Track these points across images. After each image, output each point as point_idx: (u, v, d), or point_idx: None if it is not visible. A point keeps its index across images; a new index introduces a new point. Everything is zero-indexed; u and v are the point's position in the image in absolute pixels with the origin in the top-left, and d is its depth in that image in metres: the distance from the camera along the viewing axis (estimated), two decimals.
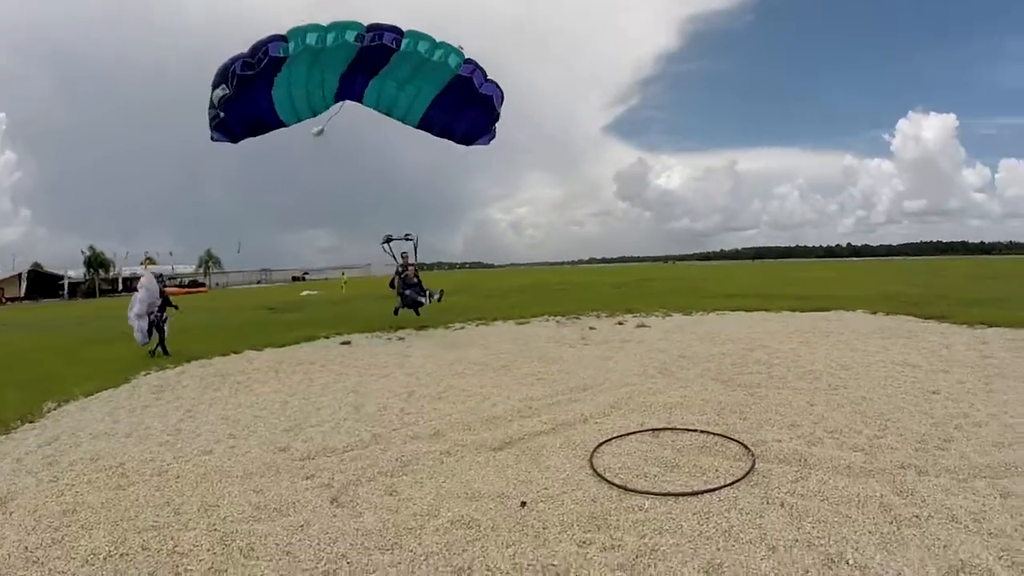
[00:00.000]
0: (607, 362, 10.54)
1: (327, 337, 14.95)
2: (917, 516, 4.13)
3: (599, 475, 5.14)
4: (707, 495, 4.66)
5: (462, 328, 16.40)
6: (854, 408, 7.00)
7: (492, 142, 15.27)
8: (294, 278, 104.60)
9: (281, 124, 13.63)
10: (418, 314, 16.36)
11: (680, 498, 4.63)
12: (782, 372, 9.13)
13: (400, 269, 15.63)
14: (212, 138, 13.04)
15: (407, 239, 15.70)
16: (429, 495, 4.83)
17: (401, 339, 14.57)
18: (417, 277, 15.79)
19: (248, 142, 13.45)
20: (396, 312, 16.15)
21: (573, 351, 11.89)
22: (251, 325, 19.40)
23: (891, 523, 4.06)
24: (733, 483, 4.85)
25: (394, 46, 11.61)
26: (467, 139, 15.02)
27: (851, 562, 3.57)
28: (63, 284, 75.65)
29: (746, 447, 5.71)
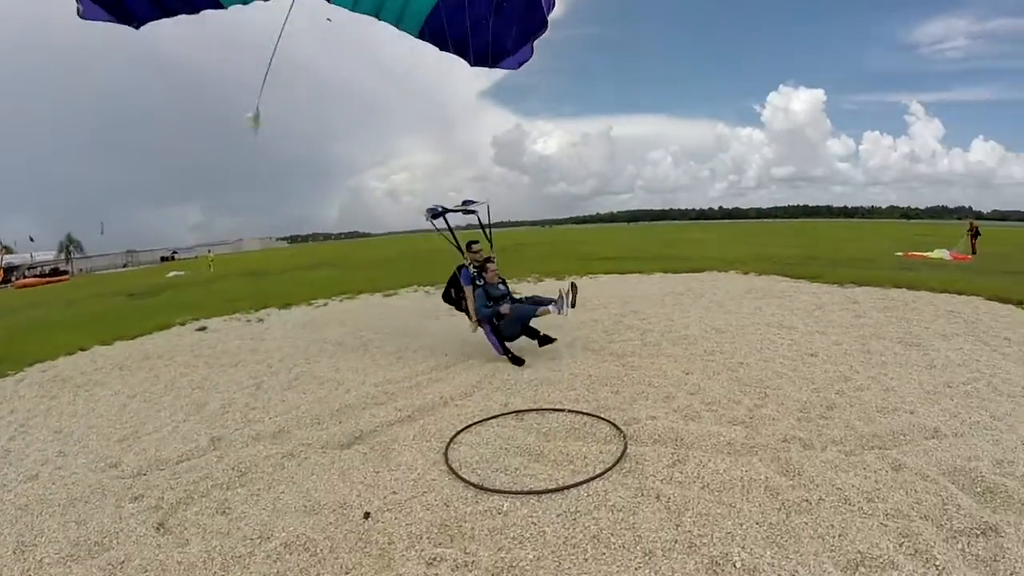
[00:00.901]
0: (473, 335, 10.08)
1: (183, 324, 13.81)
2: (807, 500, 3.87)
3: (454, 472, 4.68)
4: (574, 490, 4.24)
5: (325, 305, 15.71)
6: (731, 375, 6.90)
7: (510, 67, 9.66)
8: (163, 258, 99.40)
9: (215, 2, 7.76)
10: (545, 337, 8.52)
11: (543, 496, 4.19)
12: (656, 338, 9.01)
13: (474, 272, 8.70)
14: (79, 12, 6.83)
15: (467, 211, 9.22)
16: (265, 511, 4.33)
17: (260, 320, 13.68)
18: (504, 283, 9.05)
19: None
20: (517, 360, 8.09)
21: (439, 324, 11.51)
22: (106, 316, 17.57)
23: (779, 511, 3.78)
24: (602, 474, 4.46)
25: None
26: (494, 55, 9.44)
27: (739, 564, 3.22)
28: None
29: (617, 427, 5.36)
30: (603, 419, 5.62)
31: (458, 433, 5.53)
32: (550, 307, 8.05)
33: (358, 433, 5.74)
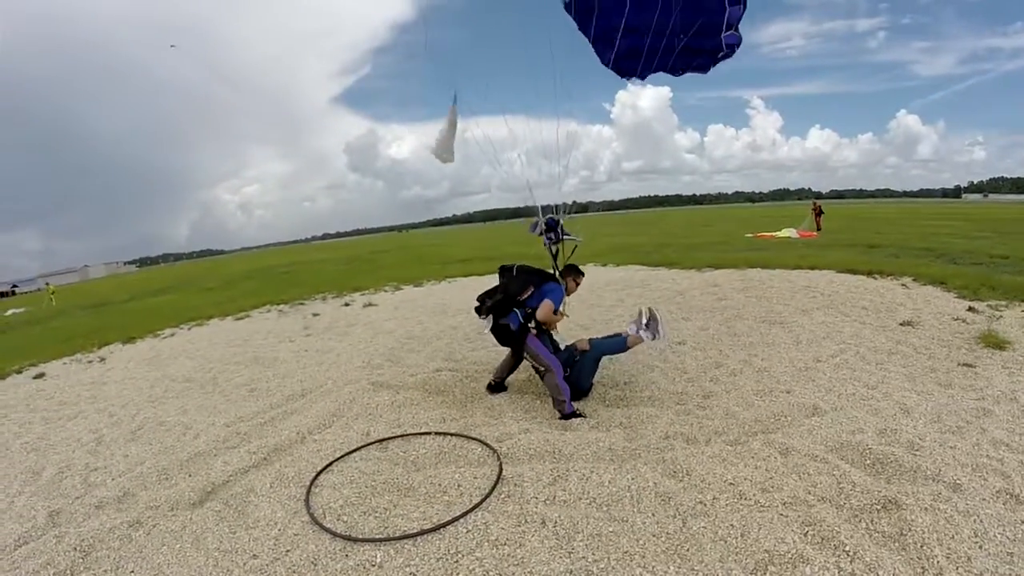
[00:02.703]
0: (329, 356, 9.73)
1: (19, 372, 12.16)
2: (702, 502, 3.77)
3: (317, 523, 4.22)
4: (451, 527, 3.91)
5: (172, 335, 14.47)
6: (600, 373, 6.79)
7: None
8: (1, 294, 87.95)
9: None
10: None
11: (419, 539, 3.83)
12: None
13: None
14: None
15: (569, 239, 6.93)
16: None
17: (102, 360, 12.25)
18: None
19: None
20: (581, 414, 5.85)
21: (292, 347, 10.98)
22: None
23: (675, 518, 3.64)
24: (479, 504, 4.15)
25: None
26: (626, 66, 8.18)
27: None
28: None
29: (489, 446, 5.09)
30: (473, 438, 5.34)
31: (319, 474, 5.05)
32: (640, 334, 6.12)
33: (210, 487, 5.19)
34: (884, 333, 7.47)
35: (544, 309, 6.05)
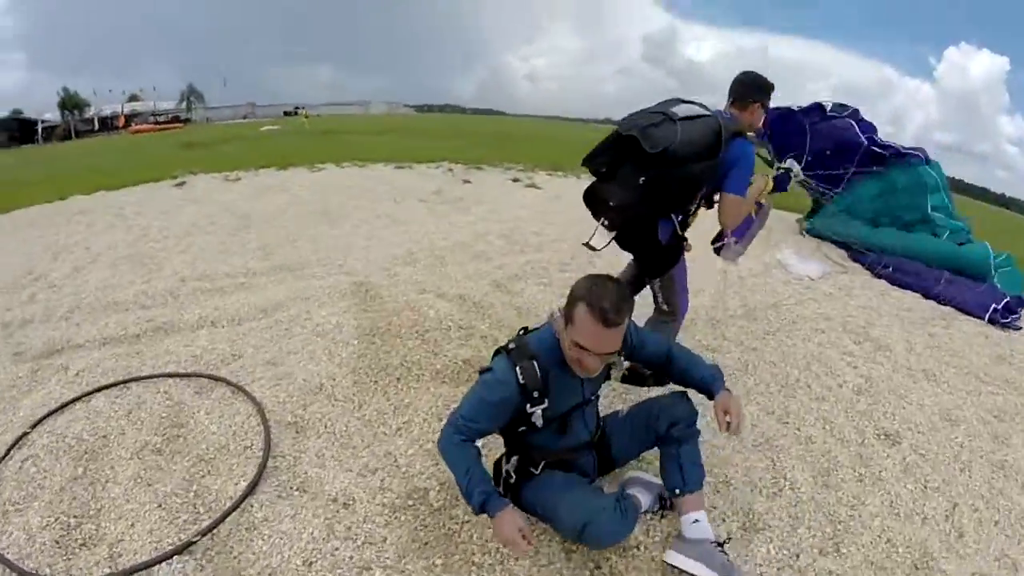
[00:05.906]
0: (375, 242, 7.65)
1: (175, 177, 12.64)
2: None
3: None
4: None
5: (323, 168, 14.20)
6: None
7: None
8: (285, 113, 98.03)
9: None
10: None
11: None
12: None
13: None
14: None
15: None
16: None
17: (238, 179, 12.46)
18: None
19: None
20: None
21: (385, 210, 9.53)
22: (126, 164, 17.66)
23: None
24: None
25: None
26: None
27: None
28: (37, 129, 74.62)
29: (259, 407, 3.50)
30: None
31: (72, 402, 3.63)
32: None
33: (59, 346, 4.34)
34: None
35: (732, 203, 3.35)
